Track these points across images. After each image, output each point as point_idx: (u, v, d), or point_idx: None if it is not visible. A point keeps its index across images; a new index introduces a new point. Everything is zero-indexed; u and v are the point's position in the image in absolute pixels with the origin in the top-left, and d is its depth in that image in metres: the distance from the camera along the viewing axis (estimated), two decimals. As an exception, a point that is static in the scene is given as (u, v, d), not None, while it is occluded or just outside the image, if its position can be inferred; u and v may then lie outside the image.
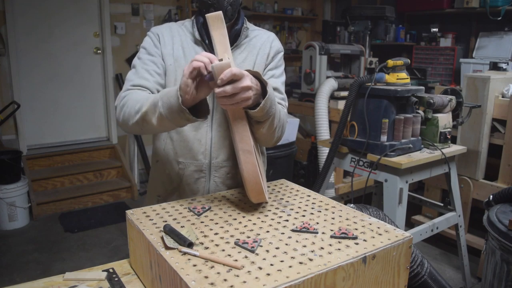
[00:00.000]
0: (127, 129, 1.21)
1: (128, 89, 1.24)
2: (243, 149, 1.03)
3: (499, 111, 2.71)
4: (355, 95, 2.27)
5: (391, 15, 4.04)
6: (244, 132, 1.04)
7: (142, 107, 1.12)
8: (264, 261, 0.81)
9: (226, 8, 1.22)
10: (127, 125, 1.19)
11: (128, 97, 1.20)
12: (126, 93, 1.22)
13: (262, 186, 1.04)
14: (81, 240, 3.32)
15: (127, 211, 1.04)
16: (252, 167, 1.02)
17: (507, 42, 4.11)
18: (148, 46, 1.31)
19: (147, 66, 1.28)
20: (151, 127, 1.13)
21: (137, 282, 0.98)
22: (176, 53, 1.29)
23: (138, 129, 1.18)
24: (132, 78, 1.26)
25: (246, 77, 0.98)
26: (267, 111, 1.07)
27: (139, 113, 1.12)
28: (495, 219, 1.76)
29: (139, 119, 1.13)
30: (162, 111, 1.05)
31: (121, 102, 1.21)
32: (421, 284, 1.61)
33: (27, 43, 4.04)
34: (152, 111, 1.09)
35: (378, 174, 2.23)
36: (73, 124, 4.45)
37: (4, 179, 3.44)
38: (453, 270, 2.87)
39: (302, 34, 6.09)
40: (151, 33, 1.33)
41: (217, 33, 1.05)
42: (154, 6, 4.61)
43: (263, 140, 1.21)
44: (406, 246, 0.92)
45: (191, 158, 1.31)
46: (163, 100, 1.05)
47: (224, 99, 0.98)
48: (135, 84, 1.24)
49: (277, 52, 1.38)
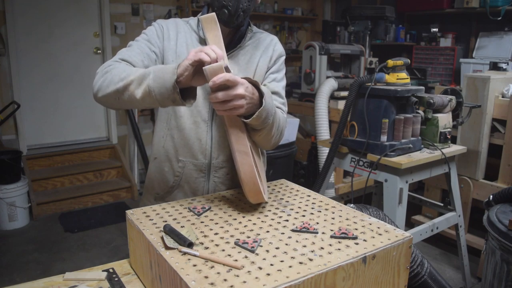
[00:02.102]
0: (102, 96, 1.13)
1: (116, 60, 1.18)
2: (239, 150, 1.03)
3: (499, 111, 2.71)
4: (355, 95, 2.27)
5: (391, 15, 4.03)
6: (240, 133, 1.04)
7: (129, 75, 1.07)
8: (264, 261, 0.81)
9: (239, 13, 1.20)
10: (104, 91, 1.11)
11: (114, 65, 1.15)
12: (113, 63, 1.17)
13: (259, 187, 1.03)
14: (81, 240, 3.32)
15: (127, 211, 1.04)
16: (249, 168, 1.02)
17: (507, 42, 4.11)
18: (150, 34, 1.29)
19: (142, 48, 1.25)
20: (129, 99, 1.08)
21: (137, 282, 0.98)
22: (179, 50, 1.28)
23: (113, 99, 1.11)
24: (123, 52, 1.22)
25: (240, 85, 0.97)
26: (262, 121, 1.07)
27: (123, 81, 1.07)
28: (495, 219, 1.76)
29: (121, 87, 1.07)
30: (151, 84, 1.02)
31: (105, 69, 1.15)
32: (421, 284, 1.61)
33: (27, 43, 4.04)
34: (138, 82, 1.04)
35: (378, 174, 2.23)
36: (73, 124, 4.45)
37: (4, 179, 3.44)
38: (453, 270, 2.87)
39: (302, 34, 6.09)
40: (156, 24, 1.31)
41: (211, 35, 1.04)
42: (154, 6, 4.61)
43: (259, 144, 1.21)
44: (406, 246, 0.92)
45: (191, 157, 1.31)
46: (156, 73, 1.02)
47: (216, 105, 0.98)
48: (124, 58, 1.19)
49: (280, 56, 1.38)
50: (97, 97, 1.15)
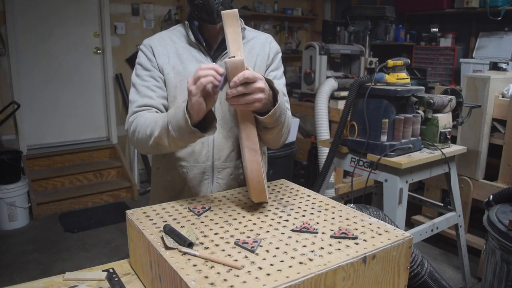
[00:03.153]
0: (145, 152, 1.24)
1: (134, 111, 1.24)
2: (249, 147, 1.04)
3: (499, 111, 2.71)
4: (355, 95, 2.27)
5: (391, 15, 4.03)
6: (251, 131, 1.05)
7: (154, 132, 1.12)
8: (264, 261, 0.81)
9: (217, 8, 1.21)
10: (144, 148, 1.21)
11: (136, 121, 1.21)
12: (133, 117, 1.23)
13: (264, 185, 1.04)
14: (81, 240, 3.32)
15: (127, 211, 1.04)
16: (257, 165, 1.03)
17: (507, 42, 4.11)
18: (143, 61, 1.29)
19: (147, 82, 1.27)
20: (167, 148, 1.15)
21: (137, 282, 0.98)
22: (172, 62, 1.28)
23: (155, 151, 1.21)
24: (135, 99, 1.26)
25: (260, 80, 0.98)
26: (276, 119, 1.07)
27: (152, 138, 1.13)
28: (495, 219, 1.76)
29: (153, 144, 1.14)
30: (175, 134, 1.06)
31: (131, 128, 1.22)
32: (421, 284, 1.61)
33: (27, 43, 4.04)
34: (164, 135, 1.09)
35: (378, 174, 2.23)
36: (73, 124, 4.45)
37: (4, 179, 3.44)
38: (453, 270, 2.87)
39: (302, 34, 6.09)
40: (143, 47, 1.31)
41: (231, 30, 1.04)
42: (154, 6, 4.61)
43: (269, 143, 1.22)
44: (406, 246, 0.92)
45: (194, 161, 1.31)
46: (172, 124, 1.06)
47: (235, 99, 0.98)
48: (140, 105, 1.24)
49: (277, 53, 1.38)
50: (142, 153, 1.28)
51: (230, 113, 1.30)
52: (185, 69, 1.28)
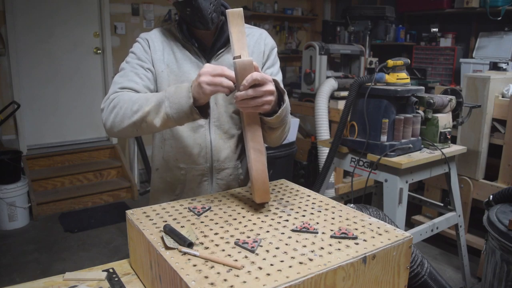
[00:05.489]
0: (118, 132, 1.14)
1: (116, 91, 1.18)
2: (255, 148, 1.04)
3: (499, 111, 2.71)
4: (355, 95, 2.27)
5: (391, 15, 4.03)
6: (256, 132, 1.05)
7: (142, 106, 1.08)
8: (264, 261, 0.81)
9: (211, 16, 1.21)
10: (120, 126, 1.13)
11: (119, 98, 1.14)
12: (115, 95, 1.17)
13: (268, 186, 1.05)
14: (81, 240, 3.32)
15: (127, 211, 1.04)
16: (262, 166, 1.04)
17: (507, 42, 4.11)
18: (138, 51, 1.28)
19: (136, 70, 1.24)
20: (147, 128, 1.10)
21: (137, 282, 0.98)
22: (167, 59, 1.28)
23: (132, 131, 1.13)
24: (120, 80, 1.22)
25: (269, 82, 0.98)
26: (282, 119, 1.07)
27: (138, 113, 1.08)
28: (495, 219, 1.75)
29: (138, 120, 1.09)
30: (169, 111, 1.03)
31: (110, 103, 1.15)
32: (421, 284, 1.60)
33: (27, 43, 4.04)
34: (155, 111, 1.06)
35: (378, 174, 2.23)
36: (73, 124, 4.45)
37: (4, 179, 3.44)
38: (453, 270, 2.87)
39: (302, 34, 6.09)
40: (140, 39, 1.30)
41: (236, 30, 1.04)
42: (154, 6, 4.61)
43: (271, 142, 1.22)
44: (406, 246, 0.92)
45: (192, 163, 1.31)
46: (171, 100, 1.03)
47: (244, 102, 0.97)
48: (123, 87, 1.19)
49: (272, 48, 1.36)
50: (112, 132, 1.16)
51: (226, 114, 1.30)
52: (179, 69, 1.27)
